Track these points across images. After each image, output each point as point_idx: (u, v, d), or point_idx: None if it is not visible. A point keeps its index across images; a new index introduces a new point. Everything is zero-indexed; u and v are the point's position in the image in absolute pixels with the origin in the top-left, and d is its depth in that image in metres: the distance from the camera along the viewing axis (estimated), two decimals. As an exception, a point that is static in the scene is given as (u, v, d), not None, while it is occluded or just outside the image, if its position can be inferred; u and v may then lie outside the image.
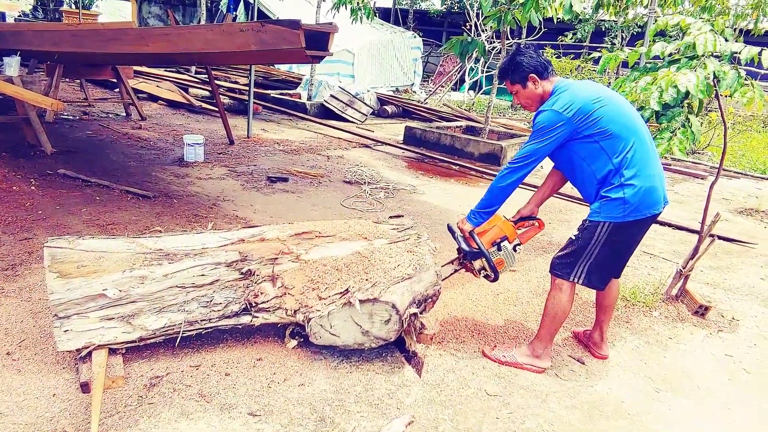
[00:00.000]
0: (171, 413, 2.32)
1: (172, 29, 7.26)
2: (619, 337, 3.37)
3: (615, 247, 2.69)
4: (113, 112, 8.50)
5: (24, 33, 7.41)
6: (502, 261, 2.89)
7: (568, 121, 2.55)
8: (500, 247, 2.87)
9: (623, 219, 2.59)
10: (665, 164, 8.92)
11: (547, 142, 2.59)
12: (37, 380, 2.43)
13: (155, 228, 3.45)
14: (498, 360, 2.91)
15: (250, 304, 2.68)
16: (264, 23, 4.93)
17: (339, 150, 7.77)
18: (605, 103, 2.57)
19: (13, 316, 2.88)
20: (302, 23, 4.63)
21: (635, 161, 2.58)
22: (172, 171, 5.82)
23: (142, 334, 2.53)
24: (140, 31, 6.61)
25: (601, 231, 2.65)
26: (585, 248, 2.70)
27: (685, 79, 2.63)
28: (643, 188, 2.58)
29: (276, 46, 4.88)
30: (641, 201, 2.58)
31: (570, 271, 2.75)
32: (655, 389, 2.89)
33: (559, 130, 2.56)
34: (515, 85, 2.74)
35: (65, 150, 6.01)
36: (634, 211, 2.59)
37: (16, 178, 4.99)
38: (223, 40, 5.30)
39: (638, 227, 2.69)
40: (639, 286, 4.07)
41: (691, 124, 2.76)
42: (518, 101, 2.83)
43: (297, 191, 5.62)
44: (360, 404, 2.51)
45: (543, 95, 2.71)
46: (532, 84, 2.70)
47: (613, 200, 2.60)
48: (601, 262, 2.71)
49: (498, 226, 2.91)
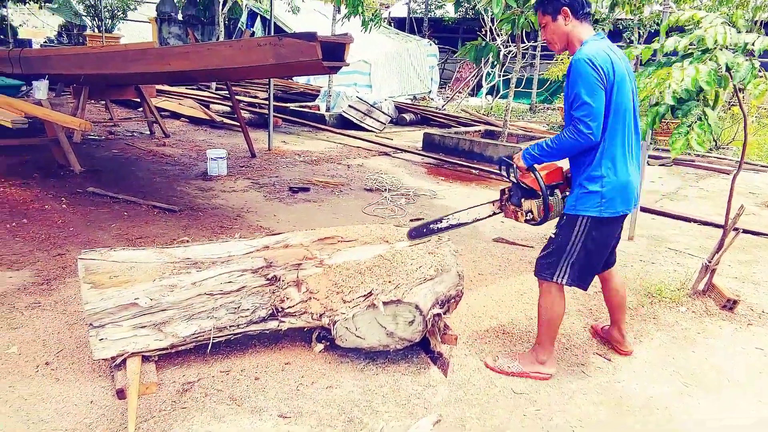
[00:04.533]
0: (203, 417, 2.38)
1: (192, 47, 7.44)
2: (646, 333, 3.35)
3: (596, 243, 2.61)
4: (138, 131, 8.71)
5: (51, 58, 7.67)
6: (552, 207, 2.70)
7: (604, 75, 2.38)
8: (553, 192, 2.71)
9: (599, 214, 2.53)
10: (689, 160, 8.82)
11: (596, 94, 2.38)
12: (75, 388, 2.52)
13: (182, 239, 3.54)
14: (502, 371, 2.82)
15: (277, 309, 2.74)
16: (281, 37, 5.04)
17: (359, 159, 7.85)
18: (625, 75, 2.47)
19: (50, 328, 2.99)
20: (318, 35, 4.73)
21: (620, 153, 2.50)
22: (197, 185, 5.94)
23: (173, 341, 2.60)
24: (161, 50, 6.79)
25: (580, 226, 2.58)
26: (566, 245, 2.62)
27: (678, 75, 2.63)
28: (621, 183, 2.52)
29: (294, 58, 4.97)
30: (617, 197, 2.52)
31: (553, 272, 2.67)
32: (684, 384, 2.87)
33: (599, 82, 2.38)
34: (546, 16, 2.56)
35: (93, 169, 6.18)
36: (609, 207, 2.52)
37: (47, 197, 5.15)
38: (242, 55, 5.42)
39: (613, 225, 2.63)
40: (665, 282, 4.04)
41: (708, 117, 2.75)
42: (544, 36, 2.64)
43: (318, 200, 5.69)
44: (387, 404, 2.54)
45: (570, 36, 2.54)
46: (563, 18, 2.52)
47: (590, 193, 2.53)
48: (583, 259, 2.63)
49: (557, 171, 2.73)
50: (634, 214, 4.98)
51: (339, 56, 5.15)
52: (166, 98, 10.96)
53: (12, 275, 3.58)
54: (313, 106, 11.13)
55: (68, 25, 20.74)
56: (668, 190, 7.08)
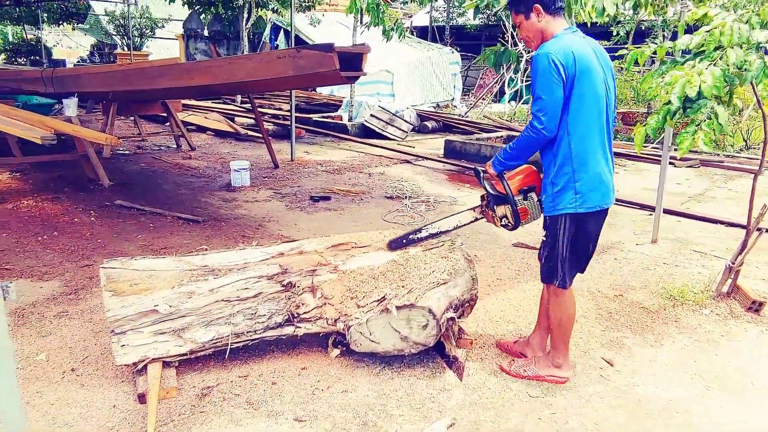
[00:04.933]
0: (221, 420, 2.44)
1: (214, 62, 7.62)
2: (667, 336, 3.30)
3: (579, 240, 2.59)
4: (165, 145, 8.92)
5: (81, 76, 7.94)
6: (526, 210, 2.73)
7: (563, 68, 2.38)
8: (527, 197, 2.72)
9: (575, 210, 2.50)
10: (717, 161, 8.64)
11: (552, 90, 2.39)
12: (99, 393, 2.60)
13: (201, 247, 3.63)
14: (518, 375, 2.80)
15: (293, 315, 2.79)
16: (299, 49, 5.14)
17: (380, 167, 7.90)
18: (591, 68, 2.42)
19: (77, 336, 3.09)
20: (335, 46, 4.81)
21: (591, 147, 2.46)
22: (221, 196, 6.06)
23: (192, 347, 2.67)
24: (185, 65, 6.98)
25: (561, 225, 2.55)
26: (556, 246, 2.60)
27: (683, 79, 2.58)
28: (594, 177, 2.48)
29: (312, 69, 5.06)
30: (591, 192, 2.48)
31: (554, 275, 2.65)
32: (706, 387, 2.82)
33: (557, 77, 2.38)
34: (519, 15, 2.56)
35: (121, 182, 6.36)
36: (585, 202, 2.49)
37: (77, 210, 5.32)
38: (262, 68, 5.53)
39: (593, 220, 2.58)
40: (688, 284, 3.97)
41: (718, 115, 2.71)
42: (520, 36, 2.64)
43: (339, 209, 5.75)
44: (402, 408, 2.56)
45: (544, 32, 2.53)
46: (536, 16, 2.52)
47: (562, 190, 2.50)
48: (571, 256, 2.61)
49: (528, 175, 2.75)
50: (657, 216, 4.91)
51: (357, 66, 5.22)
52: (193, 112, 11.21)
53: (42, 285, 3.71)
54: (336, 116, 11.25)
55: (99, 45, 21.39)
56: (695, 192, 6.95)
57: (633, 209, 6.04)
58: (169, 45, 19.21)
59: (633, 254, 4.64)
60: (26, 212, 5.23)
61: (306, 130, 10.38)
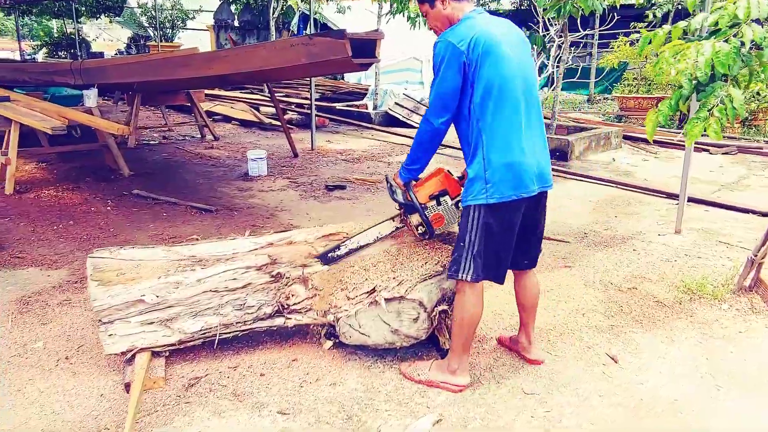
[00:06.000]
0: (204, 412, 2.41)
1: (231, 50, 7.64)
2: (680, 331, 3.14)
3: (492, 232, 2.39)
4: (189, 135, 9.02)
5: (107, 68, 8.05)
6: (441, 217, 2.66)
7: (460, 54, 2.27)
8: (440, 202, 2.64)
9: (486, 201, 2.32)
10: (756, 147, 8.23)
11: (445, 78, 2.30)
12: (89, 381, 2.61)
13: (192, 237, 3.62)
14: (411, 378, 2.61)
15: (282, 306, 2.75)
16: (312, 36, 5.07)
17: (401, 156, 7.80)
18: (497, 48, 2.28)
19: (76, 324, 3.12)
20: (347, 33, 4.73)
21: (503, 131, 2.30)
22: (237, 185, 6.08)
23: (181, 337, 2.66)
24: (203, 55, 6.99)
25: (473, 216, 2.38)
26: (464, 238, 2.42)
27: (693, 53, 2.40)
28: (506, 164, 2.31)
29: (325, 57, 5.00)
30: (502, 180, 2.31)
31: (458, 268, 2.44)
32: (716, 386, 2.66)
33: (453, 63, 2.28)
34: (424, 4, 2.46)
35: (142, 172, 6.45)
36: (495, 192, 2.31)
37: (95, 200, 5.41)
38: (277, 56, 5.49)
39: (509, 211, 2.38)
40: (709, 277, 3.77)
41: (733, 99, 2.52)
42: (429, 25, 2.53)
43: (353, 198, 5.70)
44: (389, 403, 2.49)
45: (451, 19, 2.41)
46: (440, 3, 2.40)
47: (473, 179, 2.36)
48: (484, 250, 2.40)
49: (438, 179, 2.67)
50: (681, 205, 4.69)
51: (370, 53, 5.13)
52: (220, 102, 11.30)
53: (50, 274, 3.77)
54: (361, 105, 11.17)
55: (135, 37, 21.78)
56: (728, 180, 6.63)
57: (659, 198, 5.79)
58: (201, 36, 19.42)
59: (653, 245, 4.44)
60: (46, 201, 5.34)
61: (330, 119, 10.34)
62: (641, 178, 6.61)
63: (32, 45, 23.80)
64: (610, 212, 5.32)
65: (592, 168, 7.12)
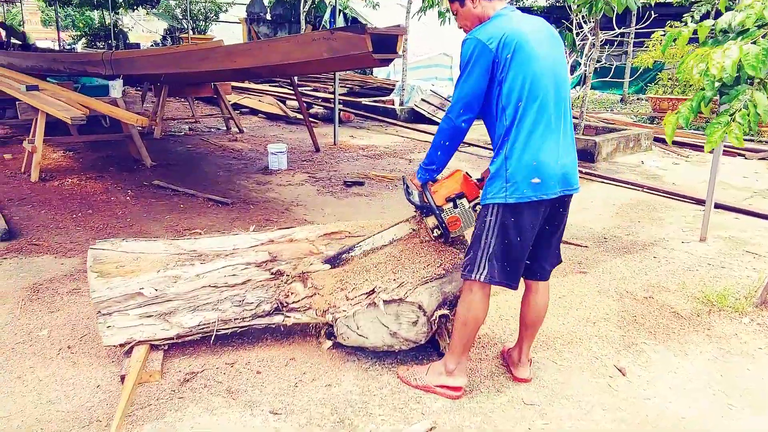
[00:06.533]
0: (197, 408, 2.40)
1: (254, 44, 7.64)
2: (695, 345, 3.00)
3: (509, 233, 2.30)
4: (215, 127, 9.09)
5: (135, 59, 8.17)
6: (457, 219, 2.59)
7: (489, 53, 2.20)
8: (456, 204, 2.57)
9: (505, 200, 2.24)
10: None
11: (471, 77, 2.25)
12: (87, 372, 2.63)
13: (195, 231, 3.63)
14: (408, 383, 2.55)
15: (282, 303, 2.72)
16: (333, 30, 5.03)
17: (423, 153, 7.71)
18: (527, 46, 2.21)
19: (82, 313, 3.15)
20: (368, 27, 4.68)
21: (527, 130, 2.22)
22: (256, 179, 6.09)
23: (179, 331, 2.65)
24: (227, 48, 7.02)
25: (491, 215, 2.30)
26: (480, 238, 2.33)
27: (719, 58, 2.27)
28: (528, 163, 2.22)
29: (345, 51, 4.96)
30: (522, 180, 2.22)
31: (472, 268, 2.36)
32: (729, 405, 2.53)
33: (481, 63, 2.22)
34: (454, 3, 2.39)
35: (164, 163, 6.52)
36: (515, 192, 2.23)
37: (116, 189, 5.48)
38: (298, 50, 5.47)
39: (528, 213, 2.28)
40: (731, 288, 3.61)
41: (757, 103, 2.38)
42: (459, 24, 2.46)
43: (370, 194, 5.65)
44: (384, 408, 2.44)
45: (481, 17, 2.34)
46: (471, 2, 2.34)
47: (494, 177, 2.28)
48: (500, 252, 2.32)
49: (455, 181, 2.60)
50: (707, 212, 4.51)
51: (391, 48, 5.07)
52: (247, 95, 11.38)
53: (64, 262, 3.82)
54: (387, 101, 11.11)
55: (171, 29, 22.13)
56: (763, 187, 6.36)
57: (686, 203, 5.59)
58: (233, 29, 19.61)
59: (676, 252, 4.28)
60: (69, 189, 5.43)
61: (355, 114, 10.31)
62: (669, 182, 6.40)
63: (72, 35, 24.37)
64: (634, 217, 5.16)
65: (620, 170, 6.92)
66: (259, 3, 17.57)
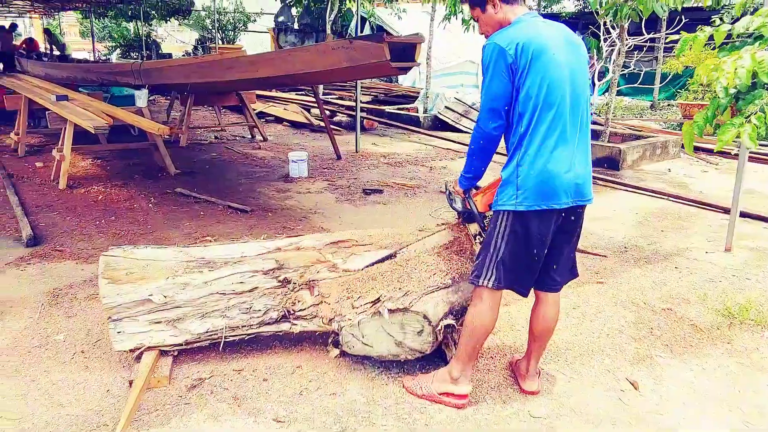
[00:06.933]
0: (202, 414, 2.43)
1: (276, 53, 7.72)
2: (712, 359, 2.91)
3: (519, 241, 2.29)
4: (240, 135, 9.22)
5: (163, 69, 8.35)
6: None
7: (508, 58, 2.18)
8: None
9: (514, 208, 2.23)
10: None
11: (492, 83, 2.22)
12: (99, 376, 2.68)
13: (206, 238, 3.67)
14: (414, 393, 2.54)
15: (289, 311, 2.73)
16: (352, 40, 5.08)
17: (444, 161, 7.69)
18: (547, 53, 2.19)
19: (98, 319, 3.21)
20: (386, 36, 4.70)
21: (540, 138, 2.20)
22: (276, 186, 6.15)
23: (187, 337, 2.69)
24: (250, 57, 7.12)
25: (501, 221, 2.30)
26: (490, 243, 2.34)
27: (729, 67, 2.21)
28: (539, 172, 2.20)
29: (364, 60, 4.98)
30: (532, 189, 2.21)
31: (480, 274, 2.36)
32: (745, 422, 2.45)
33: (500, 66, 2.20)
34: (475, 9, 2.38)
35: (188, 171, 6.63)
36: (525, 200, 2.21)
37: (139, 197, 5.60)
38: (319, 59, 5.52)
39: (539, 222, 2.26)
40: (753, 300, 3.50)
41: (773, 108, 2.31)
42: (480, 30, 2.44)
43: (389, 202, 5.65)
44: (387, 417, 2.43)
45: (503, 23, 2.33)
46: (492, 8, 2.33)
47: (505, 184, 2.27)
48: (509, 258, 2.31)
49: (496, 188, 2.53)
50: (732, 221, 4.38)
51: (409, 57, 5.08)
52: (273, 103, 11.52)
53: (84, 268, 3.92)
54: (411, 108, 11.12)
55: (202, 39, 22.59)
56: (795, 196, 6.16)
57: (713, 212, 5.44)
58: (262, 38, 19.90)
59: (699, 263, 4.16)
60: (94, 197, 5.57)
61: (379, 122, 10.34)
62: (696, 191, 6.24)
63: (107, 46, 25.06)
64: (657, 226, 5.04)
65: (645, 178, 6.78)
66: (286, 13, 17.80)
